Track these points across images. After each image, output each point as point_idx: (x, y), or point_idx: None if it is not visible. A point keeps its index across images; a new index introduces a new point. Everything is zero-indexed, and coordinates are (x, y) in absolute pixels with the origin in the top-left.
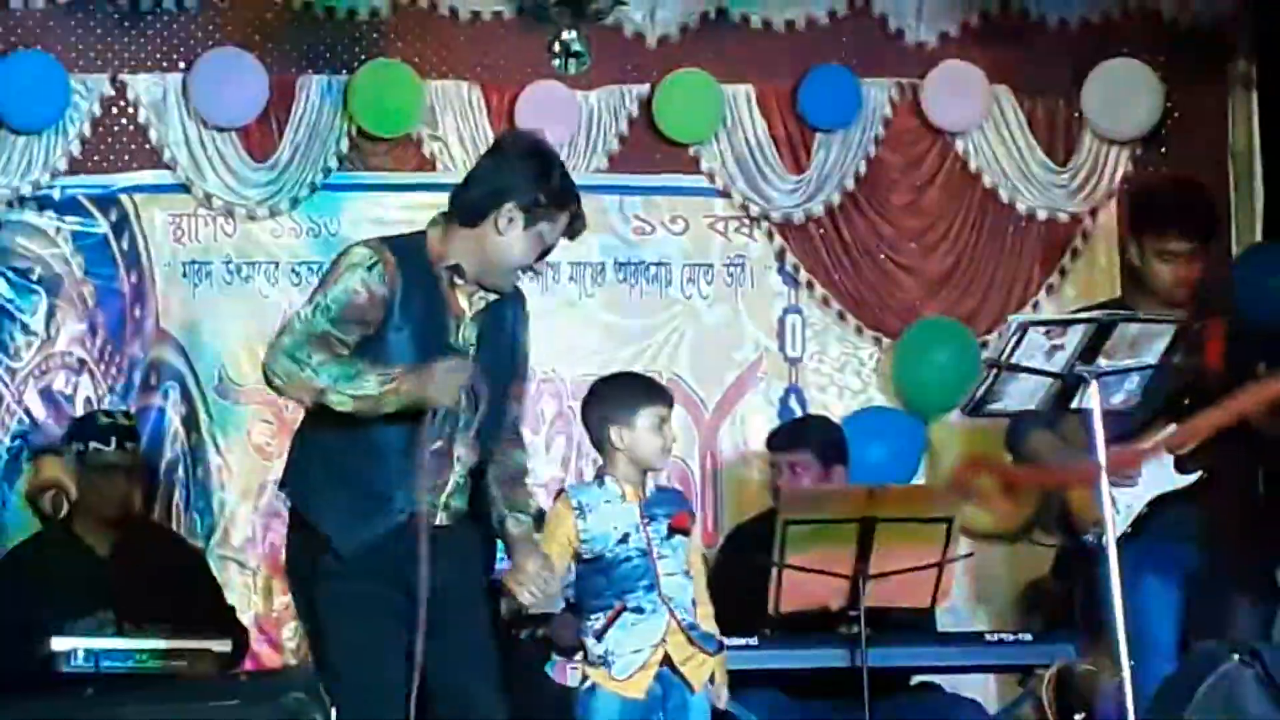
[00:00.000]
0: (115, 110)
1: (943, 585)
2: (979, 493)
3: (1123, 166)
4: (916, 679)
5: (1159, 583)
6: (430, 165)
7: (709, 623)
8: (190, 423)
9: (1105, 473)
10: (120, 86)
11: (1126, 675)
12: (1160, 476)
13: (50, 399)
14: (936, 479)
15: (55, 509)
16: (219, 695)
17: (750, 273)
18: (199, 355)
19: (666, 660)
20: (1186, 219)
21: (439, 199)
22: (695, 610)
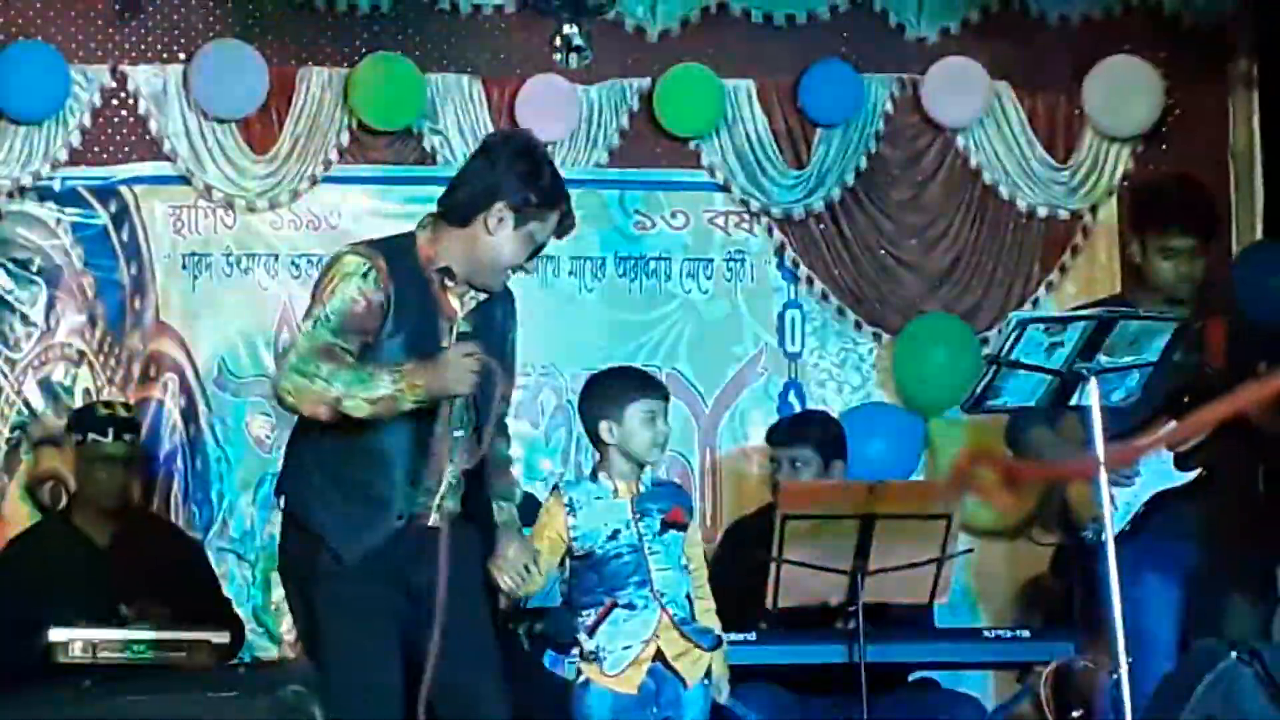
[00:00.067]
0: (115, 101)
1: (941, 581)
2: (978, 485)
3: (1123, 164)
4: (915, 675)
5: (1158, 580)
6: (430, 159)
7: (710, 617)
8: (189, 415)
9: (1104, 469)
10: (120, 78)
11: (1125, 673)
12: (1159, 473)
13: (49, 390)
14: (936, 475)
15: (54, 500)
16: (217, 687)
17: (750, 268)
18: (198, 347)
19: (660, 655)
20: (1188, 215)
21: (439, 192)
22: (693, 605)
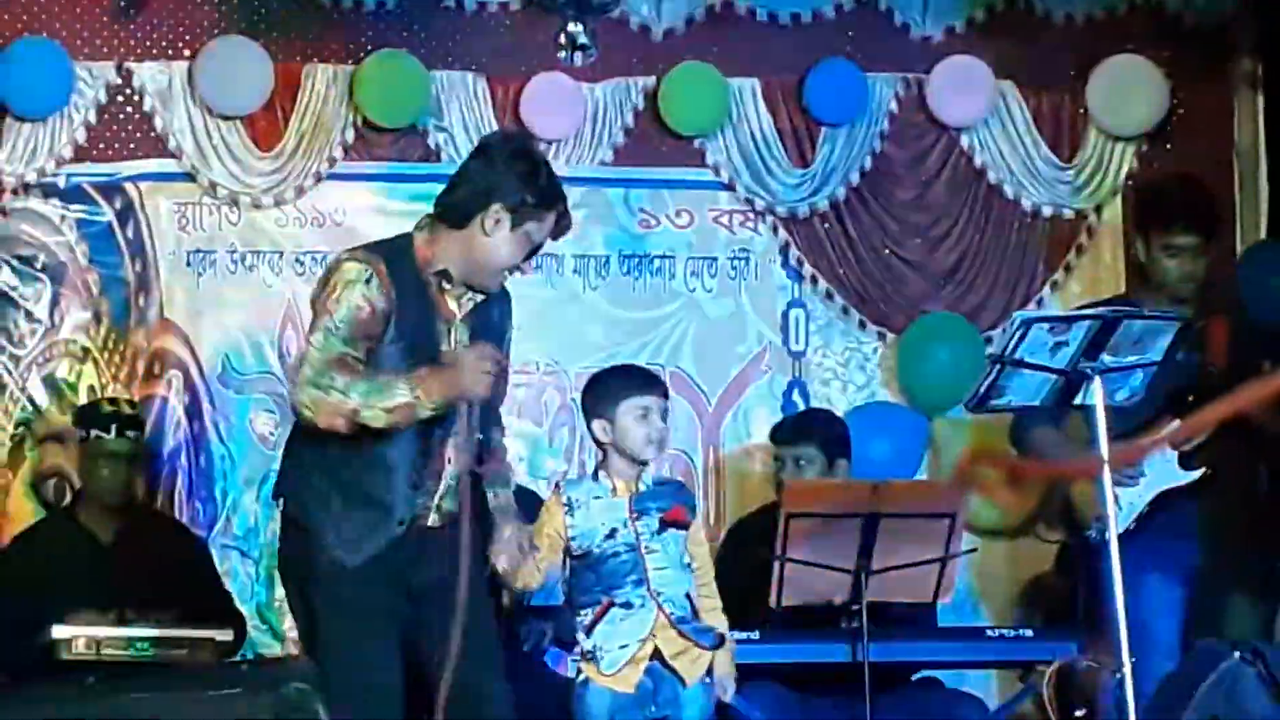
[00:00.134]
0: (121, 98)
1: (945, 580)
2: (982, 484)
3: (1128, 163)
4: (918, 674)
5: (1161, 579)
6: (435, 156)
7: (714, 616)
8: (193, 411)
9: (1108, 468)
10: (126, 74)
11: (1128, 672)
12: (1163, 472)
13: (54, 387)
14: (939, 474)
15: (58, 497)
16: (220, 684)
17: (754, 266)
18: (203, 344)
19: (658, 654)
20: (1192, 214)
21: None
22: (694, 603)
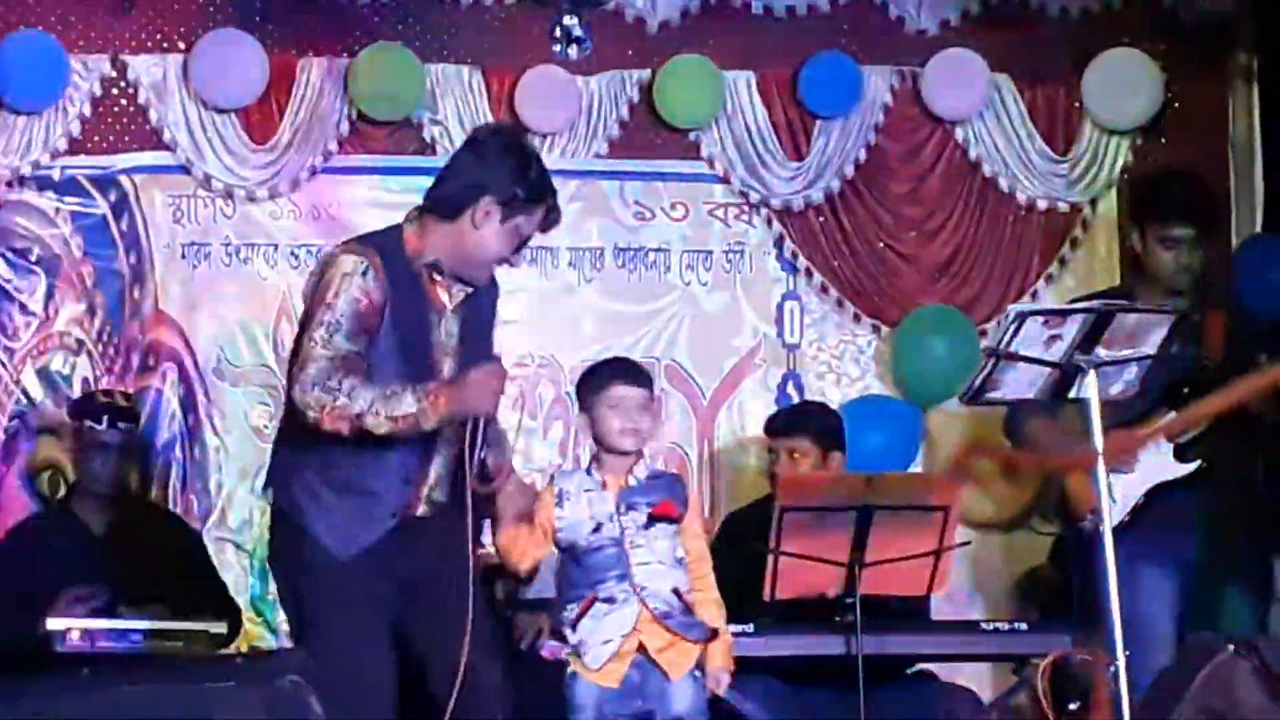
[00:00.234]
0: (115, 91)
1: (939, 573)
2: (978, 476)
3: (1123, 156)
4: (912, 667)
5: (1156, 572)
6: (430, 149)
7: (708, 609)
8: (188, 404)
9: (1103, 460)
10: (121, 67)
11: (1122, 665)
12: (1159, 464)
13: (48, 379)
14: (934, 467)
15: (53, 489)
16: (214, 676)
17: (749, 259)
18: (197, 337)
19: (643, 649)
20: (1189, 206)
21: None
22: (685, 597)
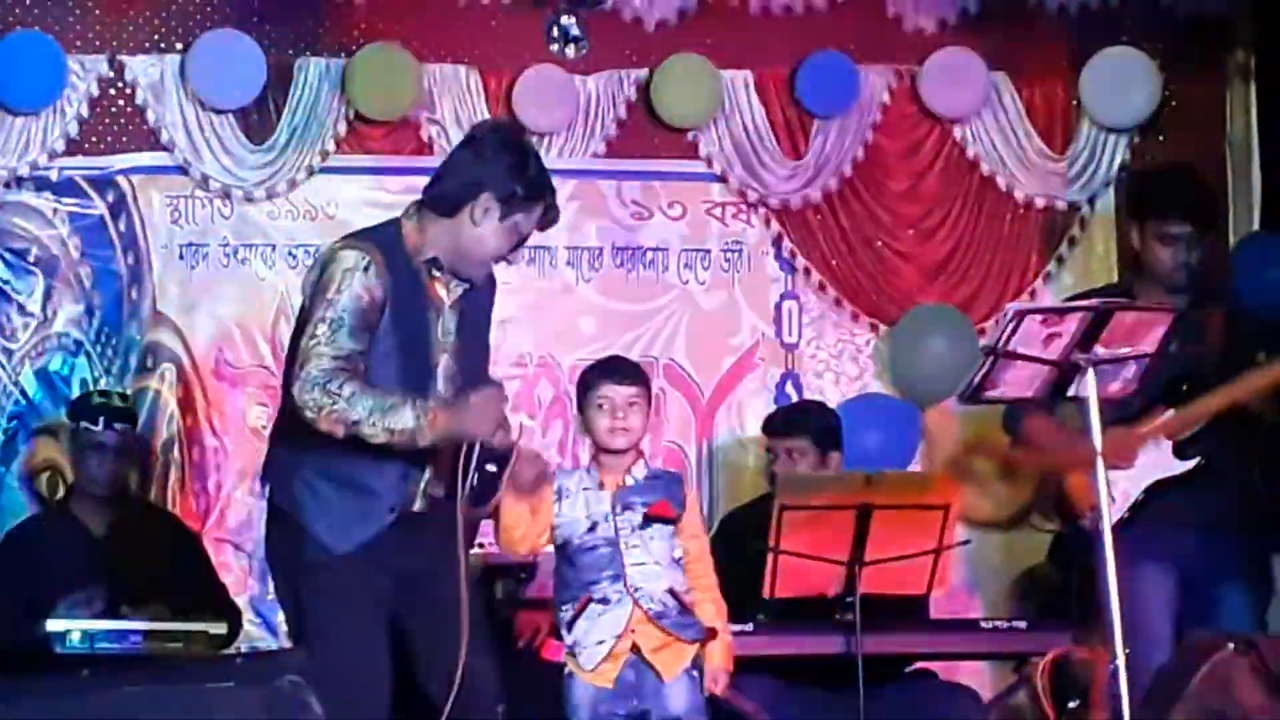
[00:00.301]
0: (113, 91)
1: (939, 572)
2: (976, 476)
3: (1120, 154)
4: (911, 666)
5: (1156, 570)
6: (428, 149)
7: (706, 609)
8: (187, 405)
9: (1102, 458)
10: (118, 67)
11: (1121, 662)
12: (1158, 462)
13: (46, 380)
14: (932, 466)
15: (52, 490)
16: (214, 677)
17: (747, 258)
18: (196, 337)
19: (637, 649)
20: (1188, 203)
21: None
22: (681, 598)
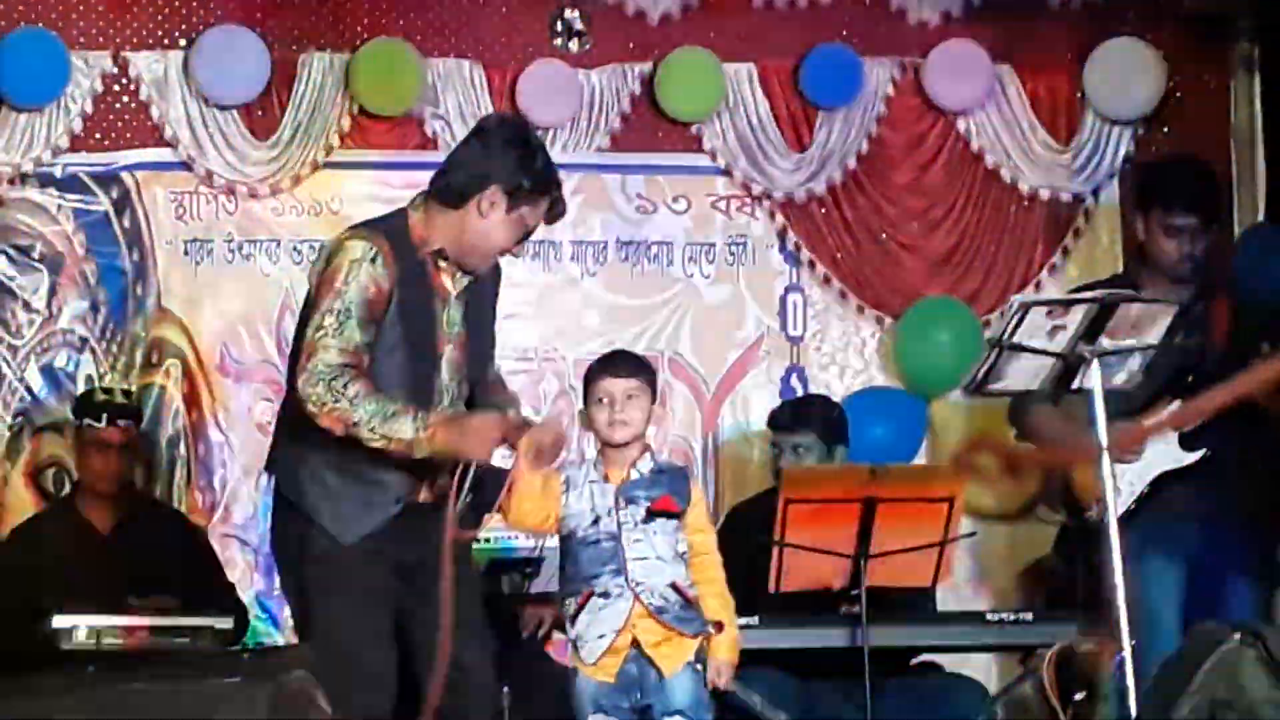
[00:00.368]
0: (117, 87)
1: (944, 564)
2: (981, 472)
3: (1125, 146)
4: (917, 659)
5: (1161, 562)
6: (432, 144)
7: (712, 603)
8: (192, 401)
9: (1108, 451)
10: (122, 63)
11: (1128, 654)
12: (1164, 453)
13: (52, 377)
14: (938, 459)
15: (57, 487)
16: (220, 673)
17: (752, 251)
18: (200, 333)
19: (638, 643)
20: (1194, 195)
21: None
22: (684, 592)
